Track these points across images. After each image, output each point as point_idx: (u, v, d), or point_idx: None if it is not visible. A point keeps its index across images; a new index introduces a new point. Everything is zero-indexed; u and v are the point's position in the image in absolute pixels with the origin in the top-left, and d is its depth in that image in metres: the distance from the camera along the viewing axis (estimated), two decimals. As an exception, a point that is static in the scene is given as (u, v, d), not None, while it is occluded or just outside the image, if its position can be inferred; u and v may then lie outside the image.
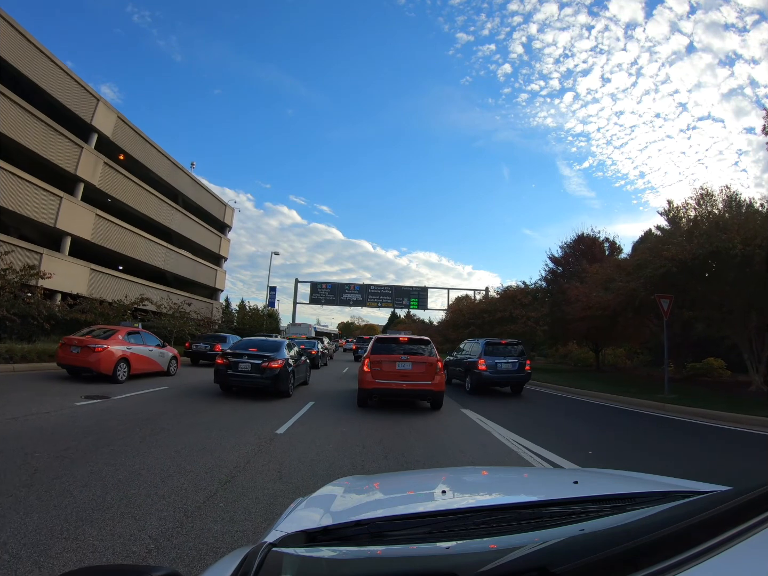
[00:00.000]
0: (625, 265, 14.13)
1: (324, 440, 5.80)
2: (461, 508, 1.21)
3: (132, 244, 27.76)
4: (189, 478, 3.99)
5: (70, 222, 23.35)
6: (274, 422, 6.78)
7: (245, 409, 8.02)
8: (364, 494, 1.49)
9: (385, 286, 44.73)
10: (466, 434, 6.81)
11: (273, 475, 4.24)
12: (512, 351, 12.17)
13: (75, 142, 24.15)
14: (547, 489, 1.46)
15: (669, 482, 1.42)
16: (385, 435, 6.33)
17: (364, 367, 8.44)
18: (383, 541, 0.93)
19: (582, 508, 1.05)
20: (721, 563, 0.59)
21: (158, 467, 4.27)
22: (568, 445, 6.04)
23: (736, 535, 0.64)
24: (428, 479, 1.79)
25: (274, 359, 9.32)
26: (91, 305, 16.73)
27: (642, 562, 0.60)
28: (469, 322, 24.91)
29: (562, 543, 0.79)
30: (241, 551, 0.82)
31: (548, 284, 24.29)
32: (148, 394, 9.04)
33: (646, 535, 0.67)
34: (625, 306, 13.02)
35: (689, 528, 0.68)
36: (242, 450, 5.10)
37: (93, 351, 9.96)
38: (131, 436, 5.45)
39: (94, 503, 3.29)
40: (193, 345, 17.45)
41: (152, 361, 11.84)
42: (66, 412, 6.69)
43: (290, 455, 5.01)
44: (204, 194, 36.90)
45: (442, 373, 8.67)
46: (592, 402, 11.26)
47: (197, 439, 5.43)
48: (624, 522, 0.87)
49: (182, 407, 7.72)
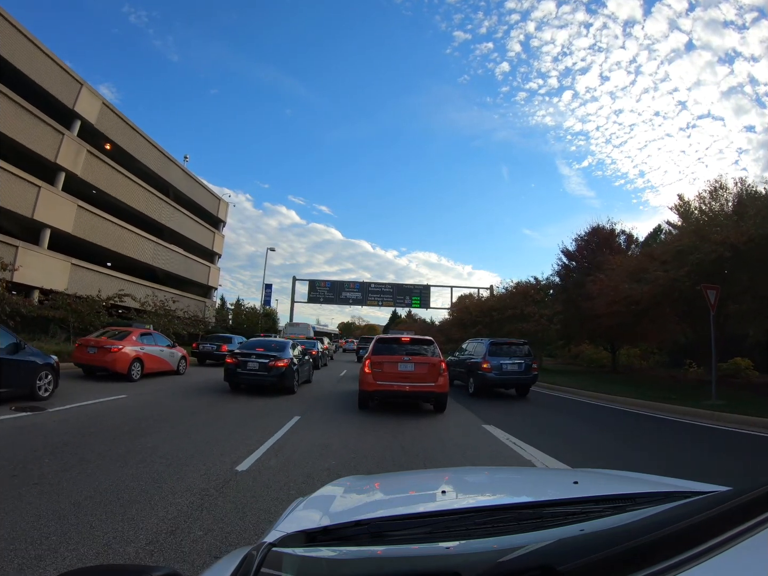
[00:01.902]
0: (658, 254, 12.56)
1: (303, 480, 4.24)
2: (462, 508, 1.21)
3: (118, 239, 26.17)
4: (68, 564, 2.40)
5: (50, 213, 21.78)
6: (242, 449, 5.21)
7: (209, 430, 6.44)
8: (364, 494, 1.48)
9: (385, 284, 43.18)
10: (495, 458, 5.29)
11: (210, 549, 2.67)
12: (518, 351, 11.55)
13: (56, 129, 22.63)
14: (548, 489, 1.45)
15: (669, 482, 1.42)
16: (383, 456, 5.03)
17: (364, 368, 8.17)
18: (383, 541, 0.92)
19: (582, 508, 1.04)
20: (722, 563, 0.59)
21: (32, 535, 2.69)
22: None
23: (736, 535, 0.63)
24: (428, 479, 1.79)
25: (280, 358, 9.93)
26: (62, 301, 15.15)
27: (642, 562, 0.60)
28: (476, 321, 23.35)
29: (562, 543, 0.79)
30: (241, 551, 0.82)
31: (561, 279, 22.73)
32: (93, 406, 7.32)
33: (646, 536, 0.68)
34: (661, 299, 11.46)
35: (689, 528, 0.69)
36: (185, 499, 3.52)
37: (109, 351, 10.53)
38: (18, 474, 3.85)
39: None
40: (200, 345, 17.88)
41: (163, 361, 12.29)
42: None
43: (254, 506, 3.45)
44: (197, 188, 35.26)
45: (446, 374, 8.36)
46: (628, 411, 9.64)
47: (114, 485, 3.64)
48: (624, 522, 0.86)
49: (129, 425, 6.06)
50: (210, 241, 36.74)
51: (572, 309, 19.47)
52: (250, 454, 4.83)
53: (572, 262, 23.08)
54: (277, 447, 5.25)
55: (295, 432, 6.15)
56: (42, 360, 7.56)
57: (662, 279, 10.79)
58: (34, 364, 7.30)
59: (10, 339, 7.08)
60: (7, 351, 6.89)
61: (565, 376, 16.86)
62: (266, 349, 10.33)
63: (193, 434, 5.67)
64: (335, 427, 6.58)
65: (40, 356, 7.67)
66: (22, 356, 7.12)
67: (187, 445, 5.05)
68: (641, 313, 13.26)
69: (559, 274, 23.00)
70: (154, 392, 9.38)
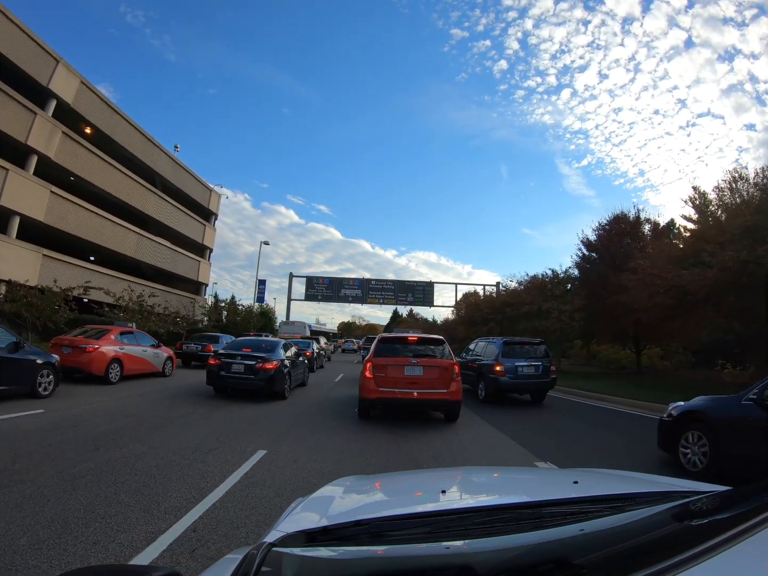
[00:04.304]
0: (711, 235, 10.54)
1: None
2: (461, 508, 1.20)
3: (96, 229, 24.09)
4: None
5: (18, 199, 19.76)
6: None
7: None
8: (364, 494, 1.48)
9: (387, 280, 41.08)
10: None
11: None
12: (535, 352, 10.38)
13: (27, 108, 20.66)
14: (547, 489, 1.44)
15: (669, 482, 1.41)
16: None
17: (365, 372, 7.14)
18: (383, 541, 0.91)
19: (582, 508, 1.03)
20: (721, 563, 0.59)
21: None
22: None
23: (736, 535, 0.63)
24: (428, 479, 1.78)
25: (268, 360, 8.91)
26: (17, 293, 13.10)
27: (642, 562, 0.60)
28: (487, 318, 21.32)
29: (561, 543, 0.79)
30: (241, 551, 0.81)
31: (582, 273, 20.70)
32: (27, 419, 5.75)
33: (645, 535, 0.68)
34: (725, 287, 9.44)
35: (689, 528, 0.68)
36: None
37: (84, 351, 9.86)
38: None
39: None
40: (184, 345, 16.75)
41: (146, 362, 11.60)
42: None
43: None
44: (186, 177, 33.10)
45: (459, 379, 7.29)
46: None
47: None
48: (624, 522, 0.87)
49: (58, 448, 4.45)
50: (200, 235, 34.63)
51: (597, 304, 17.46)
52: (189, 510, 3.08)
53: (592, 253, 21.05)
54: (243, 487, 3.45)
55: (275, 455, 4.31)
56: (42, 359, 7.75)
57: (730, 261, 8.78)
58: (34, 363, 7.48)
59: (9, 338, 7.32)
60: (8, 350, 7.06)
61: (594, 380, 14.85)
62: (254, 349, 9.34)
63: (134, 466, 4.09)
64: (328, 448, 5.09)
65: (41, 355, 7.86)
66: (21, 355, 7.28)
67: (107, 492, 3.41)
68: (692, 306, 11.25)
69: (579, 267, 20.97)
70: (124, 398, 8.24)
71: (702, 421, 4.56)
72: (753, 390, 4.24)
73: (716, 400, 4.69)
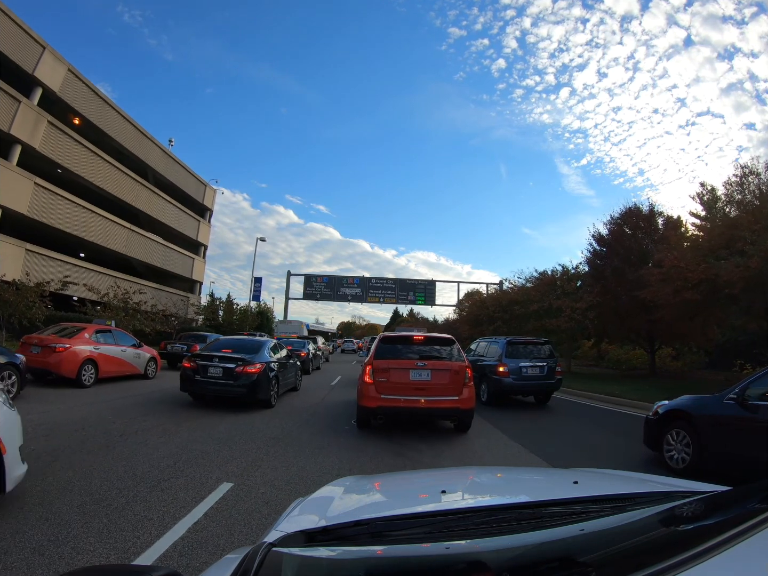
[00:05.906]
0: (746, 223, 9.44)
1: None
2: (461, 508, 1.19)
3: (82, 223, 23.03)
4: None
5: (0, 191, 18.73)
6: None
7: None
8: (363, 494, 1.46)
9: (387, 279, 40.02)
10: None
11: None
12: (539, 352, 10.09)
13: (10, 95, 19.64)
14: (547, 489, 1.43)
15: (669, 482, 1.40)
16: None
17: (365, 377, 6.35)
18: (383, 540, 0.90)
19: (582, 508, 1.02)
20: (721, 563, 0.59)
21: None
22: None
23: (736, 535, 0.63)
24: (428, 479, 1.76)
25: (251, 362, 7.82)
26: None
27: (642, 562, 0.60)
28: (494, 317, 20.24)
29: (562, 543, 0.77)
30: (241, 551, 0.81)
31: (593, 268, 19.62)
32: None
33: (646, 535, 0.67)
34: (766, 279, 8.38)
35: (689, 528, 0.67)
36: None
37: (54, 351, 9.06)
38: None
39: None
40: (168, 346, 15.73)
41: (125, 363, 10.70)
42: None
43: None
44: (179, 170, 32.02)
45: (472, 383, 6.49)
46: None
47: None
48: (624, 522, 0.86)
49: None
50: (194, 231, 33.56)
51: (611, 301, 16.39)
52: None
53: (603, 248, 19.96)
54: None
55: (243, 491, 3.38)
56: (5, 358, 7.17)
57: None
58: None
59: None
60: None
61: (612, 384, 13.81)
62: (236, 350, 8.27)
63: (43, 503, 3.21)
64: (313, 479, 3.86)
65: (4, 354, 7.30)
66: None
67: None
68: (722, 302, 10.17)
69: (590, 262, 19.88)
70: (89, 405, 7.34)
71: (685, 420, 4.65)
72: (734, 389, 4.31)
73: (700, 399, 4.77)
